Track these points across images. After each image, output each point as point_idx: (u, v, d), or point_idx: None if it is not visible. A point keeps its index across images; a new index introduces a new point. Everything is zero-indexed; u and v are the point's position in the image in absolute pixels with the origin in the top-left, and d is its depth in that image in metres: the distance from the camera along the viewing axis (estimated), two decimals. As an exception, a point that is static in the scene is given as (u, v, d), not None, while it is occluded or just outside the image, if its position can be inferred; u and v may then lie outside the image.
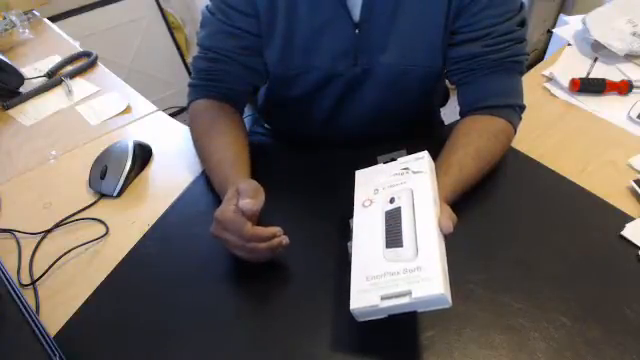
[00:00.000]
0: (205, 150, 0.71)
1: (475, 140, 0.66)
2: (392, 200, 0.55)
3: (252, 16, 0.71)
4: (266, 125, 0.97)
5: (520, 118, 0.72)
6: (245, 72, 0.75)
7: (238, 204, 0.55)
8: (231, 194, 0.58)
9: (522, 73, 0.73)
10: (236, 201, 0.56)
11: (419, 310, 0.47)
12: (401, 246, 0.50)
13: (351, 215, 0.57)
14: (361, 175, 0.61)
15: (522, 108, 0.72)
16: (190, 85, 0.78)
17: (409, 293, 0.46)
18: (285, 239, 0.56)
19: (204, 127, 0.73)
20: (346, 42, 0.71)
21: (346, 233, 0.57)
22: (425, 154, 0.58)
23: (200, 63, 0.75)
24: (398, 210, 0.53)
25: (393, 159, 0.60)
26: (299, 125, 0.87)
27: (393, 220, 0.53)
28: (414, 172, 0.56)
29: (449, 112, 1.02)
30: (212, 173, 0.69)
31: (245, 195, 0.56)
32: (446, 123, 0.94)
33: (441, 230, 0.51)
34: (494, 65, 0.70)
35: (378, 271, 0.49)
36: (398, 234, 0.51)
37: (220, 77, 0.75)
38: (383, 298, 0.47)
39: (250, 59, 0.75)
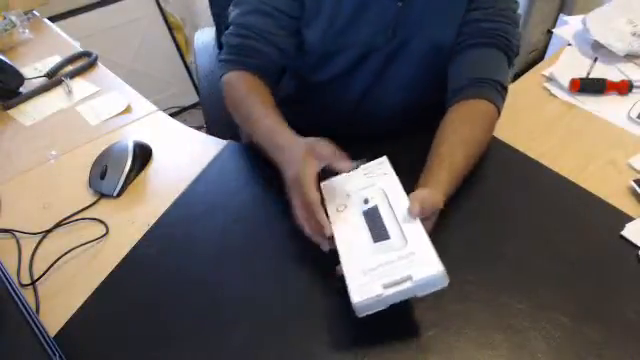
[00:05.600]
0: (249, 108, 0.71)
1: (458, 128, 0.68)
2: (366, 201, 0.58)
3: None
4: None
5: (503, 99, 0.73)
6: (276, 52, 0.76)
7: (341, 169, 0.59)
8: (304, 152, 0.59)
9: (510, 60, 0.75)
10: (318, 168, 0.58)
11: (419, 294, 0.48)
12: (388, 238, 0.52)
13: None
14: (327, 185, 0.63)
15: (505, 89, 0.73)
16: (221, 60, 0.79)
17: (410, 278, 0.47)
18: (325, 247, 0.57)
19: (246, 90, 0.74)
20: (389, 15, 0.74)
21: None
22: (384, 158, 0.62)
23: (232, 39, 0.77)
24: (375, 208, 0.56)
25: (357, 166, 0.63)
26: (324, 116, 0.87)
27: (373, 217, 0.55)
28: (381, 174, 0.60)
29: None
30: (257, 125, 0.69)
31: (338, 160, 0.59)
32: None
33: (411, 214, 0.52)
34: (486, 35, 0.73)
35: (373, 264, 0.50)
36: (382, 228, 0.53)
37: (251, 54, 0.76)
38: (385, 287, 0.48)
39: (282, 40, 0.76)
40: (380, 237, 0.53)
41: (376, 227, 0.54)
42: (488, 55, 0.74)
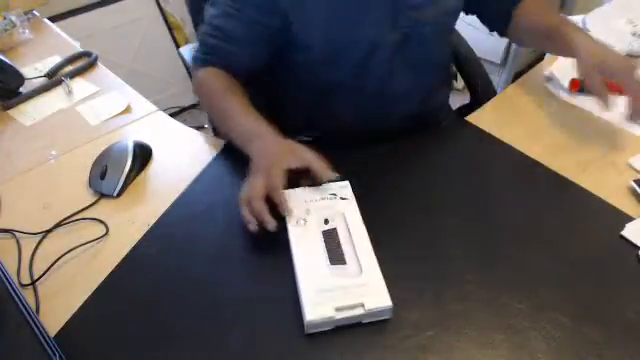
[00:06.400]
0: (226, 107, 0.74)
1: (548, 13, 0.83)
2: (326, 221, 0.60)
3: (269, 12, 0.73)
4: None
5: None
6: (246, 56, 0.78)
7: (322, 178, 0.61)
8: (284, 149, 0.63)
9: None
10: (290, 161, 0.61)
11: (364, 321, 0.52)
12: (345, 263, 0.55)
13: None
14: (288, 195, 0.63)
15: None
16: (195, 57, 0.80)
17: (362, 305, 0.51)
18: (272, 225, 0.58)
19: (222, 88, 0.76)
20: (386, 8, 0.74)
21: None
22: (346, 183, 0.65)
23: (206, 38, 0.78)
24: (334, 230, 0.59)
25: (315, 184, 0.65)
26: (343, 119, 0.87)
27: (331, 239, 0.58)
28: (342, 198, 0.63)
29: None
30: (235, 125, 0.71)
31: (321, 167, 0.62)
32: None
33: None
34: None
35: (328, 285, 0.53)
36: (340, 252, 0.56)
37: (223, 55, 0.77)
38: (337, 310, 0.51)
39: (254, 46, 0.77)
40: (336, 260, 0.56)
41: (333, 250, 0.57)
42: None
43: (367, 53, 0.78)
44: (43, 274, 0.62)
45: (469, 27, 0.93)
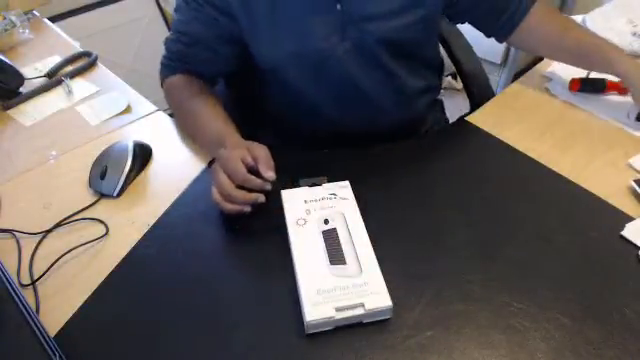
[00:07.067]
0: (194, 110, 0.76)
1: (566, 28, 0.83)
2: (326, 221, 0.60)
3: (225, 12, 0.73)
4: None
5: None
6: (216, 58, 0.79)
7: (262, 174, 0.62)
8: (239, 145, 0.65)
9: None
10: (244, 154, 0.63)
11: (365, 321, 0.53)
12: (345, 263, 0.55)
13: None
14: (288, 195, 0.65)
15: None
16: (163, 64, 0.82)
17: (362, 305, 0.51)
18: (262, 197, 0.62)
19: (190, 93, 0.78)
20: (332, 20, 0.72)
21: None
22: (347, 183, 0.65)
23: (173, 45, 0.79)
24: (334, 230, 0.59)
25: (315, 184, 0.66)
26: (312, 126, 0.86)
27: (332, 239, 0.58)
28: (342, 198, 0.63)
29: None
30: (203, 128, 0.74)
31: (266, 164, 0.63)
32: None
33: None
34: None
35: (328, 285, 0.53)
36: (340, 252, 0.57)
37: (192, 60, 0.79)
38: (338, 310, 0.51)
39: (221, 47, 0.78)
40: (336, 261, 0.56)
41: (333, 250, 0.57)
42: None
43: (317, 63, 0.76)
44: (43, 274, 0.62)
45: (468, 27, 0.93)
